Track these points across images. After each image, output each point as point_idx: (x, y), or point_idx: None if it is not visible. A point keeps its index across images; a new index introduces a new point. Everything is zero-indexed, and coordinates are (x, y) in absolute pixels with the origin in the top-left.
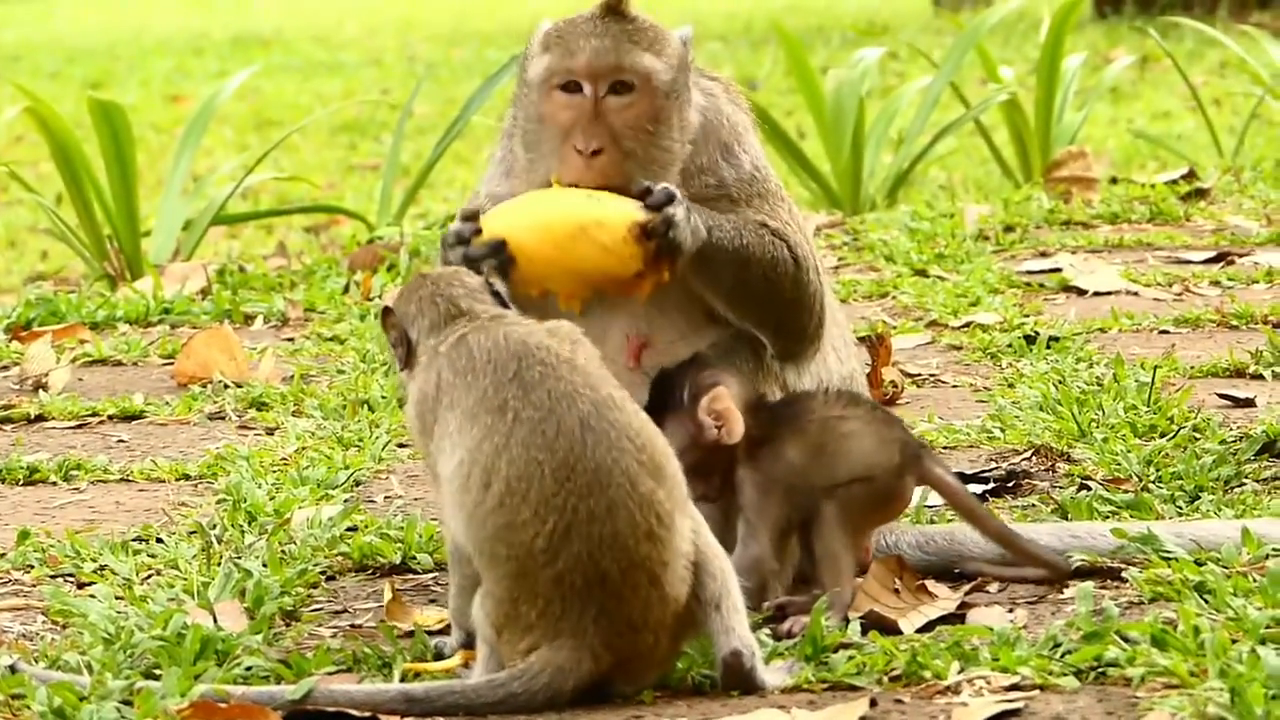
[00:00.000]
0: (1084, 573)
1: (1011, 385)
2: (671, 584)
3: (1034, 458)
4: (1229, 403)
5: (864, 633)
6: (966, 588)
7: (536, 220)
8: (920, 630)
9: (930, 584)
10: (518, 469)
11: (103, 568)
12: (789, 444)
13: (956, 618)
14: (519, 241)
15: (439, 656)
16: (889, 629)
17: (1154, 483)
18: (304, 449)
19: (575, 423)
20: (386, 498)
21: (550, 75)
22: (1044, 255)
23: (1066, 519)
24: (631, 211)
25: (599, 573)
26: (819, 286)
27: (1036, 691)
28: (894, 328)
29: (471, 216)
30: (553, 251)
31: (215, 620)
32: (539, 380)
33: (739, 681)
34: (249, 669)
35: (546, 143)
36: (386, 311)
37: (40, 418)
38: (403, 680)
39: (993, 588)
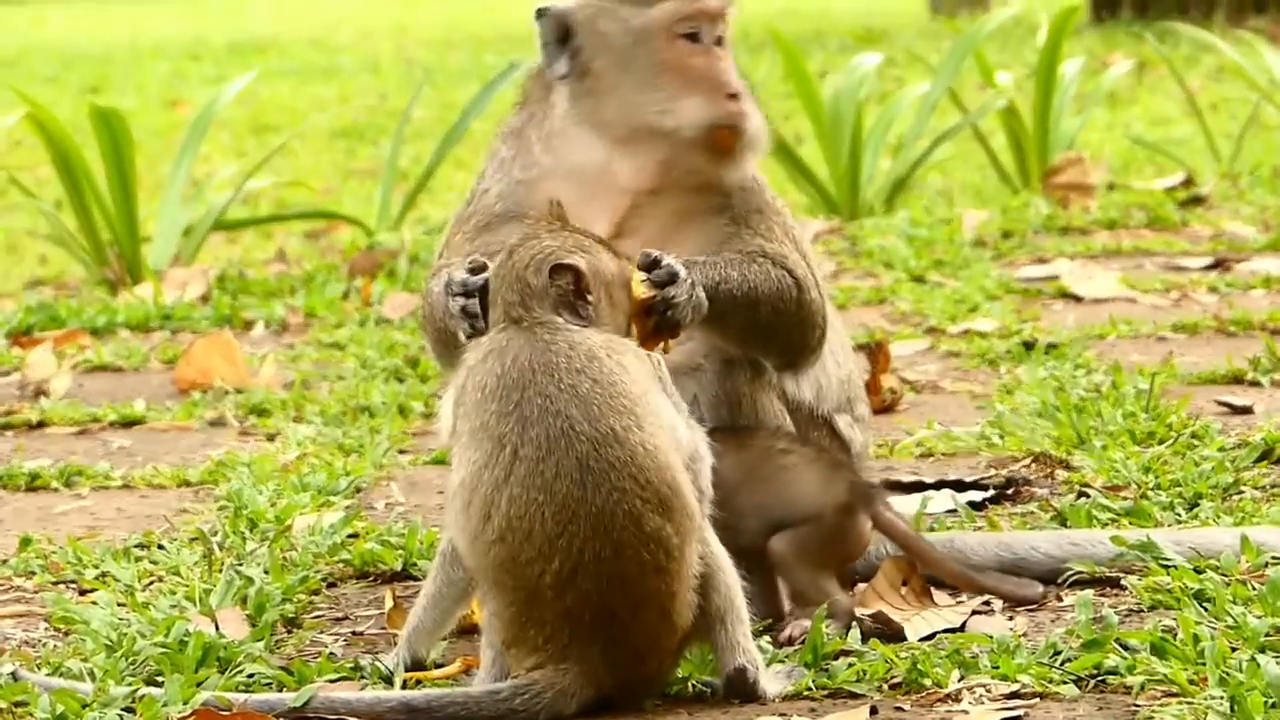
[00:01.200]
0: (1083, 581)
1: (1010, 392)
2: (679, 612)
3: (1033, 465)
4: (1227, 409)
5: (864, 640)
6: (975, 598)
7: None
8: (922, 638)
9: (933, 591)
10: (518, 508)
11: (104, 574)
12: (723, 456)
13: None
14: None
15: (386, 678)
16: (894, 634)
17: (1153, 490)
18: (305, 455)
19: (573, 465)
20: (387, 504)
21: (677, 21)
22: (1042, 262)
23: (1065, 526)
24: (633, 285)
25: (608, 610)
26: (821, 302)
27: (1036, 699)
28: (892, 334)
29: (478, 270)
30: None
31: (217, 627)
32: (537, 417)
33: (742, 695)
34: (251, 676)
35: (674, 91)
36: (484, 289)
37: (41, 424)
38: (404, 688)
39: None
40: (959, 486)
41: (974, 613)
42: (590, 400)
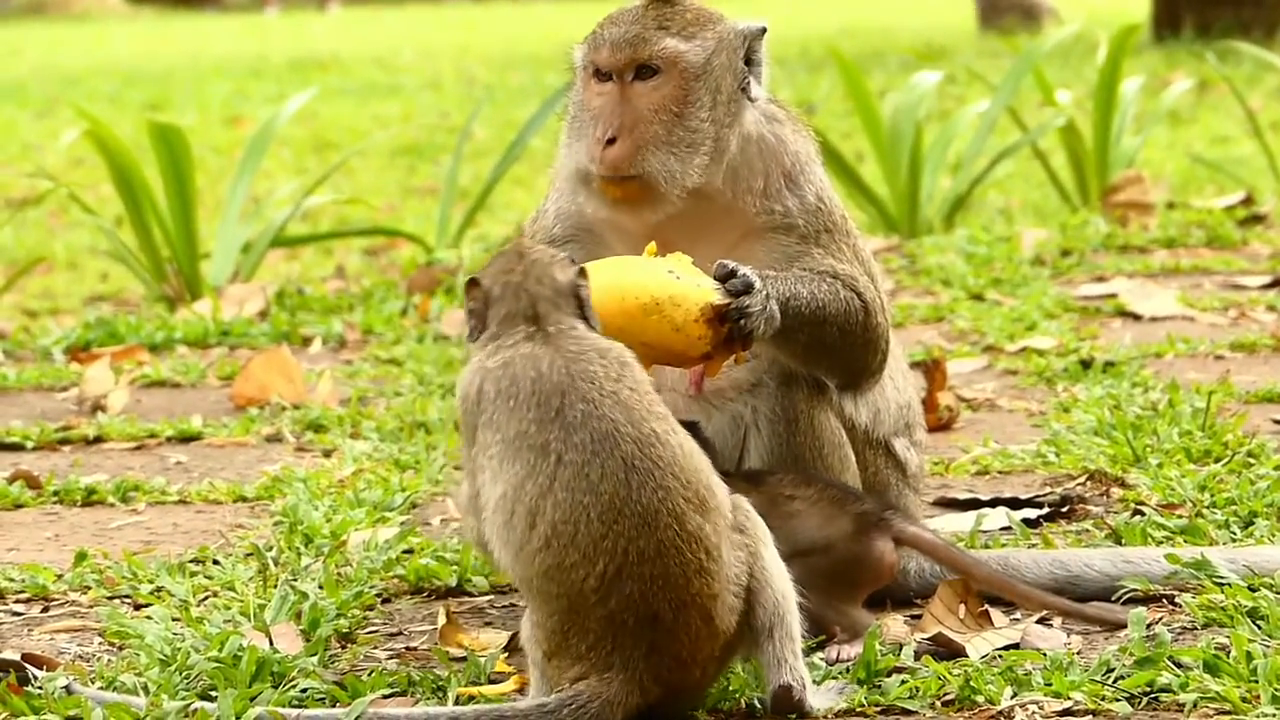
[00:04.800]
0: (1138, 598)
1: (1067, 410)
2: (721, 616)
3: (1088, 483)
4: None
5: (917, 657)
6: (1032, 616)
7: (613, 288)
8: (982, 657)
9: (988, 609)
10: (563, 513)
11: (159, 589)
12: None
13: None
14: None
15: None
16: (955, 653)
17: (1208, 508)
18: (361, 471)
19: (619, 464)
20: (442, 520)
21: (585, 64)
22: (1100, 280)
23: (1120, 544)
24: (708, 292)
25: (651, 612)
26: (886, 325)
27: (1089, 717)
28: (950, 352)
29: None
30: (624, 321)
31: (271, 642)
32: (581, 421)
33: (788, 713)
34: (304, 691)
35: (585, 130)
36: (473, 283)
37: (98, 439)
38: (457, 703)
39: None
40: (1014, 504)
41: (1039, 620)
42: (631, 405)
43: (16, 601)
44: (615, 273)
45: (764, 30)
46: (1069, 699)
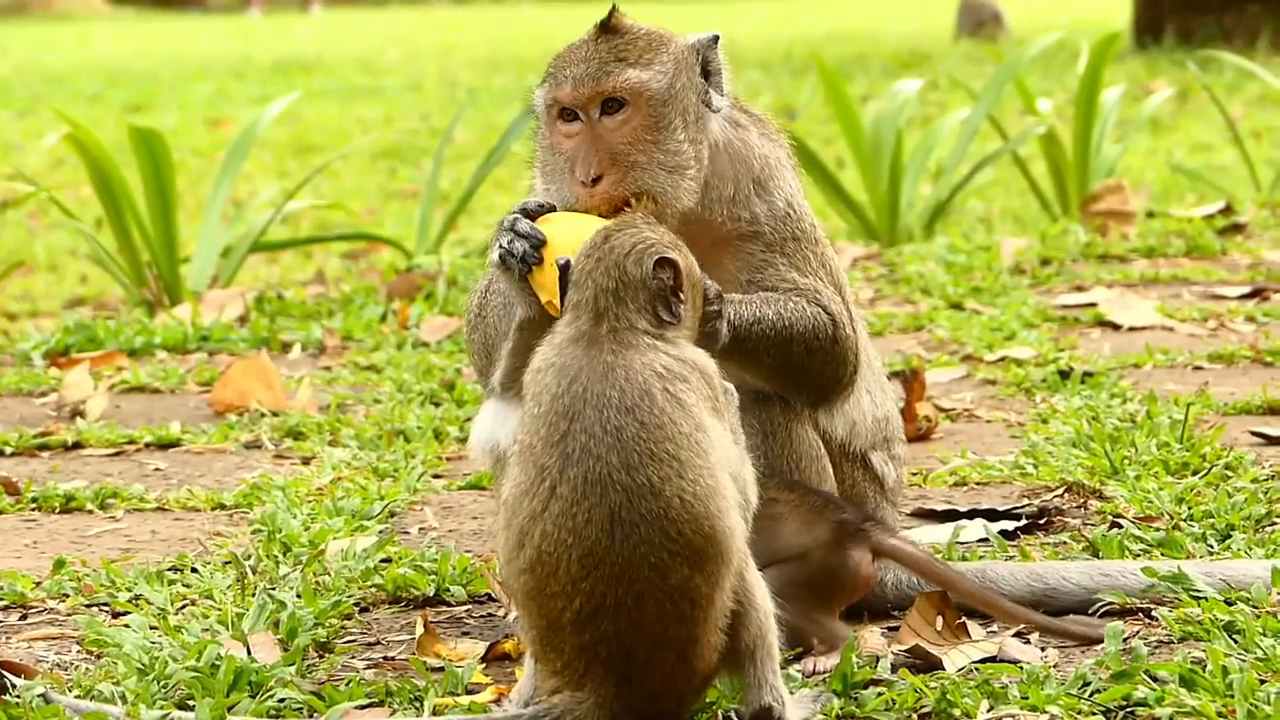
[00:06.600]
0: (1114, 611)
1: (1045, 421)
2: (702, 656)
3: (1066, 495)
4: (1262, 440)
5: (894, 670)
6: (1009, 629)
7: (568, 243)
8: (959, 669)
9: (965, 622)
10: (549, 544)
11: (137, 597)
12: None
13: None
14: (552, 245)
15: None
16: (932, 666)
17: (1185, 521)
18: (339, 479)
19: (605, 514)
20: (421, 529)
21: (549, 106)
22: (1080, 289)
23: (1097, 557)
24: None
25: (624, 650)
26: (855, 338)
27: None
28: (929, 361)
29: (550, 208)
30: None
31: (249, 651)
32: (578, 457)
33: None
34: (282, 701)
35: (560, 172)
36: (566, 264)
37: (77, 445)
38: (435, 715)
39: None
40: (992, 516)
41: (1015, 634)
42: (632, 447)
43: None
44: (572, 227)
45: (716, 39)
46: (1045, 712)
